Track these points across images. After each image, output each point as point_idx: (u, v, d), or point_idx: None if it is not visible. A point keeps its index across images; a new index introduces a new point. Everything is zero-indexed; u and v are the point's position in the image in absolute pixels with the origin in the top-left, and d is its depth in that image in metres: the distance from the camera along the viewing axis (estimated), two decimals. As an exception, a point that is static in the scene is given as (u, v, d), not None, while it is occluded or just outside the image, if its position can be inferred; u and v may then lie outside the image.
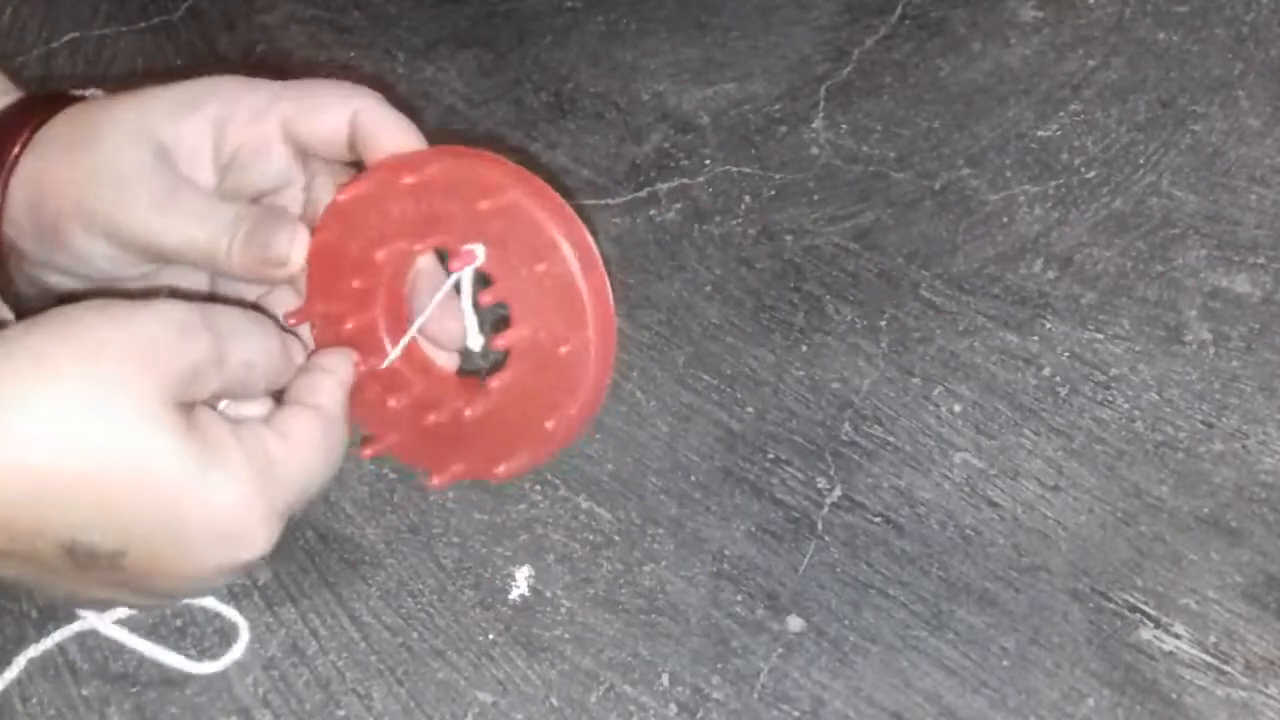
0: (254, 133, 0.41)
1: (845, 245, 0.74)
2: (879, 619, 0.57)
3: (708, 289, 0.71)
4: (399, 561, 0.59)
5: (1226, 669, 0.55)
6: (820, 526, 0.60)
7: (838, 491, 0.62)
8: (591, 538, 0.60)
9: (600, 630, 0.57)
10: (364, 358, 0.43)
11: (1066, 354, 0.68)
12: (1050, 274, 0.72)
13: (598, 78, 0.85)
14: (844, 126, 0.81)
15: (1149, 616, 0.57)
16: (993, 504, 0.61)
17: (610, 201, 0.76)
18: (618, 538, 0.60)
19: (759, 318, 0.70)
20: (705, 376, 0.67)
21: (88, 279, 0.42)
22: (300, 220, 0.42)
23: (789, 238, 0.74)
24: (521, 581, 0.58)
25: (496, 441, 0.42)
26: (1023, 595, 0.58)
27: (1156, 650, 0.56)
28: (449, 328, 0.43)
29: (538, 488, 0.62)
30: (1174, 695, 0.54)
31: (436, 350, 0.44)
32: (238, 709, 0.54)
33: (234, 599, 0.57)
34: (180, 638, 0.56)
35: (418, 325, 0.42)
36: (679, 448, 0.63)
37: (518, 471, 0.41)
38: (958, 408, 0.65)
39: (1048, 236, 0.74)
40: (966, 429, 0.64)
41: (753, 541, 0.60)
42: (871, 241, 0.74)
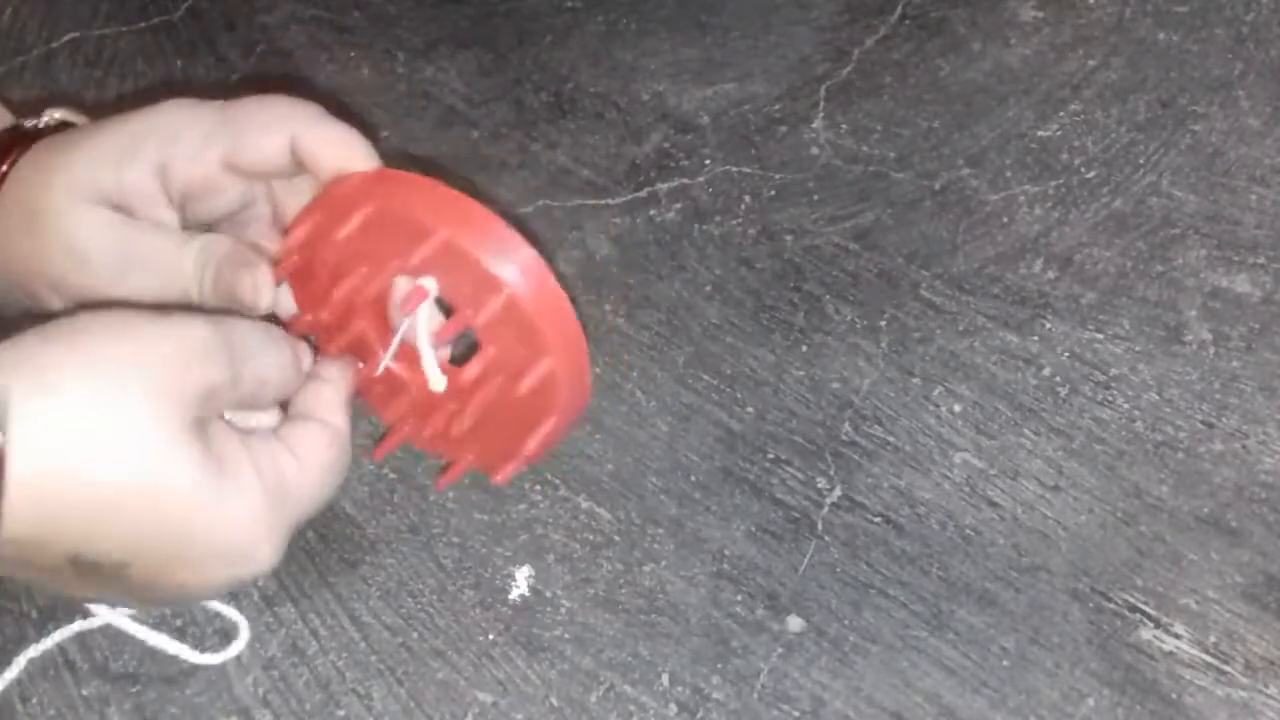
0: (197, 172, 0.40)
1: (845, 245, 0.74)
2: (879, 619, 0.57)
3: (708, 289, 0.71)
4: (399, 561, 0.59)
5: (1226, 669, 0.55)
6: (820, 526, 0.60)
7: (838, 491, 0.62)
8: (591, 538, 0.60)
9: (600, 630, 0.57)
10: (362, 361, 0.43)
11: (1066, 354, 0.68)
12: (1050, 274, 0.72)
13: (598, 78, 0.85)
14: (844, 126, 0.81)
15: (1149, 616, 0.57)
16: (993, 504, 0.61)
17: (610, 201, 0.76)
18: (618, 538, 0.60)
19: (759, 318, 0.70)
20: (705, 376, 0.67)
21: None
22: (271, 238, 0.42)
23: (789, 238, 0.74)
24: (521, 581, 0.58)
25: (486, 450, 0.42)
26: (1023, 595, 0.58)
27: (1156, 650, 0.56)
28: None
29: (538, 488, 0.62)
30: (1174, 695, 0.54)
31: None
32: (238, 709, 0.54)
33: (234, 599, 0.57)
34: (180, 638, 0.56)
35: (389, 356, 0.41)
36: (679, 448, 0.63)
37: (511, 476, 0.41)
38: (958, 408, 0.65)
39: (1048, 236, 0.74)
40: (966, 429, 0.64)
41: (753, 541, 0.60)
42: (871, 241, 0.74)
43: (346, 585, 0.58)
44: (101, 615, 0.53)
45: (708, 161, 0.79)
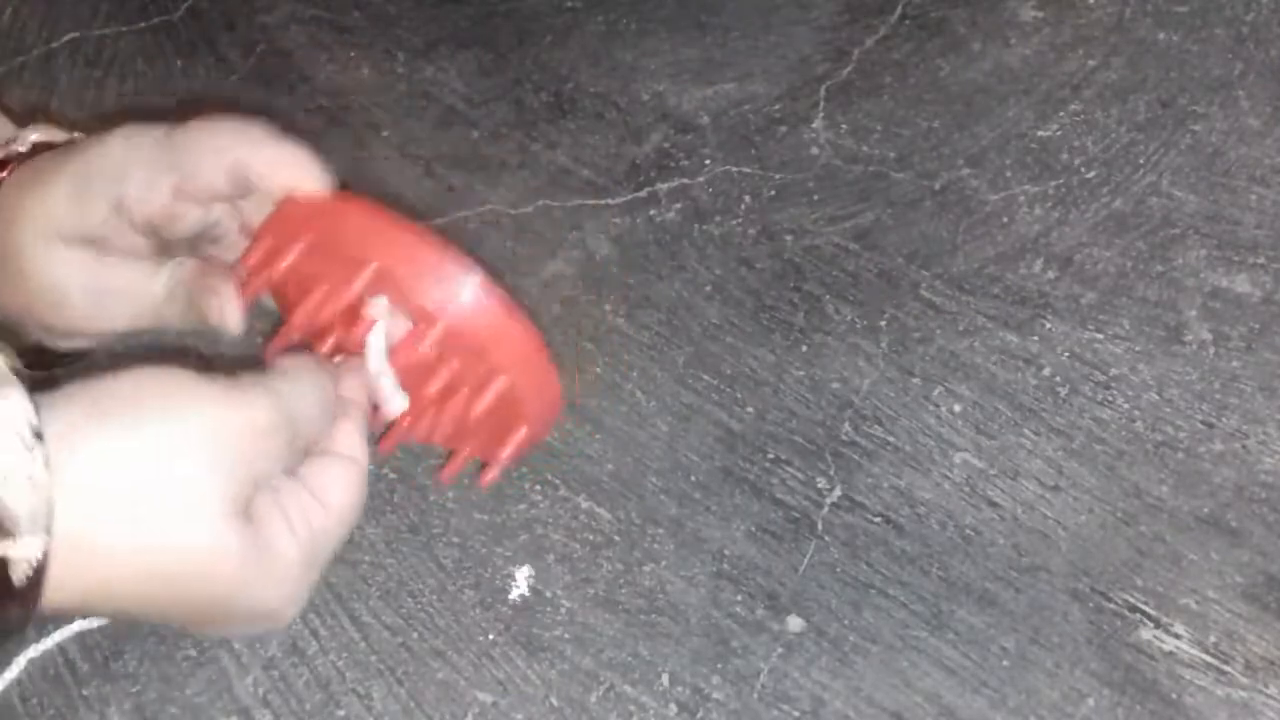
0: (152, 204, 0.40)
1: (845, 245, 0.74)
2: (879, 619, 0.57)
3: (708, 289, 0.71)
4: (399, 561, 0.59)
5: (1226, 669, 0.55)
6: (820, 526, 0.60)
7: (838, 491, 0.62)
8: (591, 538, 0.60)
9: (600, 630, 0.57)
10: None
11: (1066, 354, 0.68)
12: (1050, 274, 0.72)
13: (598, 78, 0.85)
14: (844, 126, 0.81)
15: (1149, 616, 0.57)
16: (993, 504, 0.61)
17: (610, 201, 0.76)
18: (618, 538, 0.60)
19: (759, 318, 0.70)
20: (705, 376, 0.67)
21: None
22: (233, 272, 0.42)
23: (789, 238, 0.74)
24: (521, 581, 0.58)
25: (481, 442, 0.42)
26: (1023, 595, 0.58)
27: (1156, 650, 0.56)
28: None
29: (538, 488, 0.62)
30: (1174, 695, 0.54)
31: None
32: (238, 709, 0.54)
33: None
34: (180, 638, 0.56)
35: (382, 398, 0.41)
36: (679, 448, 0.63)
37: (494, 480, 0.42)
38: (958, 408, 0.65)
39: (1048, 236, 0.74)
40: (966, 429, 0.64)
41: (753, 541, 0.60)
42: (871, 241, 0.74)
43: (346, 585, 0.58)
44: (90, 620, 0.54)
45: (708, 161, 0.79)
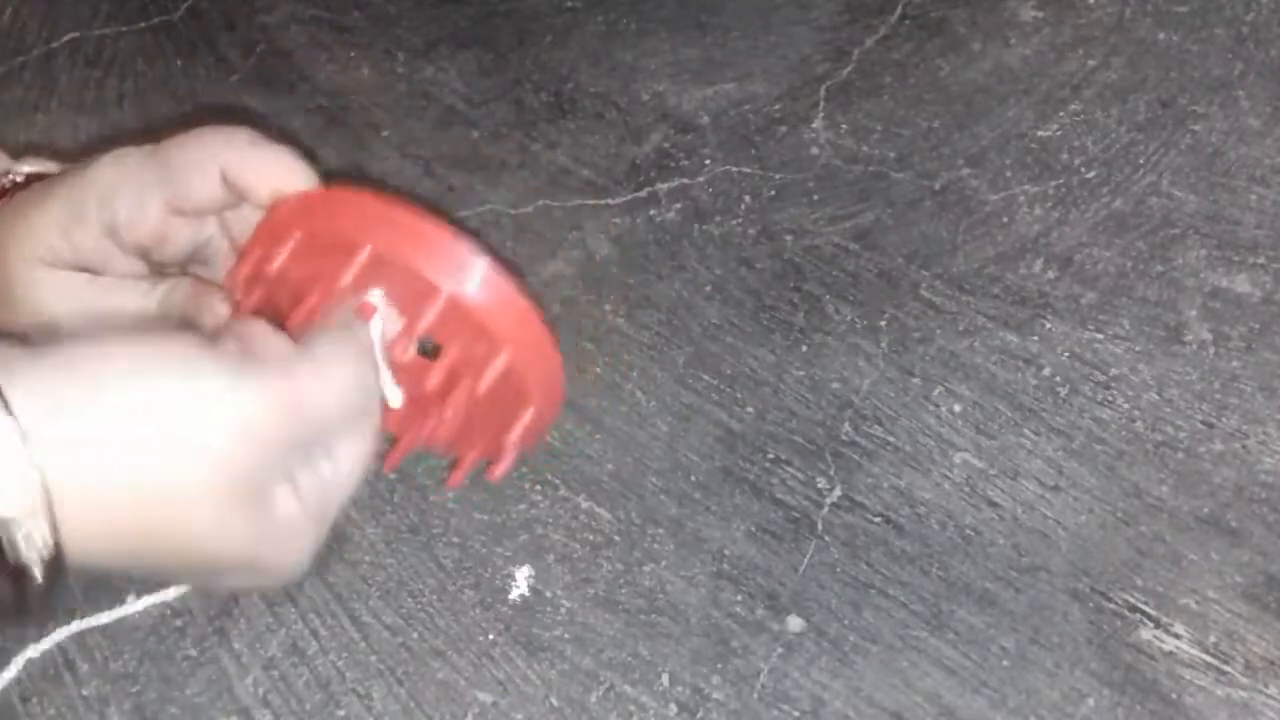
0: (144, 224, 0.40)
1: (845, 245, 0.74)
2: (879, 619, 0.57)
3: (708, 289, 0.71)
4: (399, 561, 0.59)
5: (1226, 669, 0.55)
6: (820, 526, 0.60)
7: (838, 491, 0.62)
8: (591, 538, 0.60)
9: (600, 630, 0.57)
10: None
11: (1066, 354, 0.68)
12: (1050, 274, 0.72)
13: (598, 78, 0.85)
14: (844, 126, 0.81)
15: (1149, 616, 0.57)
16: (993, 504, 0.61)
17: (610, 201, 0.76)
18: (618, 538, 0.60)
19: (759, 318, 0.70)
20: (705, 376, 0.67)
21: None
22: (222, 286, 0.43)
23: (789, 238, 0.74)
24: (521, 581, 0.58)
25: (486, 443, 0.42)
26: (1023, 595, 0.58)
27: (1156, 650, 0.56)
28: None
29: (538, 488, 0.62)
30: (1174, 695, 0.54)
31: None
32: (238, 709, 0.54)
33: (233, 599, 0.57)
34: (180, 638, 0.56)
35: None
36: (679, 448, 0.63)
37: (506, 472, 0.41)
38: (958, 408, 0.65)
39: (1048, 236, 0.74)
40: (966, 429, 0.64)
41: (753, 541, 0.60)
42: (871, 241, 0.74)
43: (346, 585, 0.58)
44: (90, 619, 0.54)
45: (708, 161, 0.79)
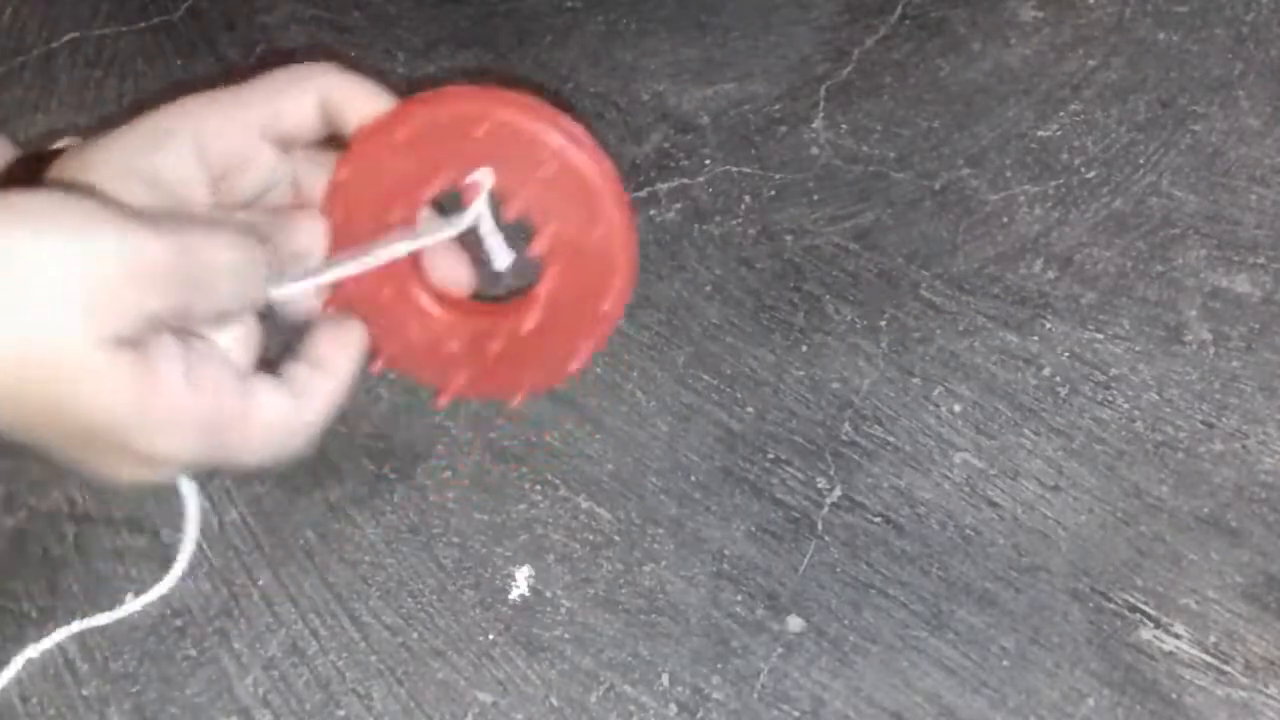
0: (236, 144, 0.41)
1: (845, 245, 0.74)
2: (879, 619, 0.57)
3: (708, 289, 0.71)
4: (399, 561, 0.59)
5: (1226, 669, 0.55)
6: (820, 526, 0.60)
7: (838, 491, 0.62)
8: (591, 538, 0.60)
9: (600, 630, 0.57)
10: (401, 323, 0.43)
11: (1066, 354, 0.68)
12: (1050, 274, 0.72)
13: (598, 78, 0.85)
14: (844, 126, 0.81)
15: (1149, 616, 0.57)
16: (993, 504, 0.61)
17: (610, 201, 0.76)
18: (618, 538, 0.60)
19: (759, 318, 0.70)
20: (705, 376, 0.67)
21: None
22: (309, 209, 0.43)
23: (789, 238, 0.74)
24: (521, 581, 0.58)
25: (558, 343, 0.44)
26: (1023, 595, 0.58)
27: (1156, 650, 0.56)
28: (457, 273, 0.44)
29: (538, 488, 0.62)
30: (1174, 695, 0.54)
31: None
32: (238, 709, 0.54)
33: (234, 598, 0.58)
34: (180, 638, 0.56)
35: (432, 240, 0.42)
36: (679, 448, 0.63)
37: (585, 363, 0.43)
38: (958, 408, 0.65)
39: (1048, 236, 0.74)
40: (966, 429, 0.64)
41: (753, 541, 0.60)
42: (871, 241, 0.74)
43: (346, 585, 0.58)
44: (89, 620, 0.54)
45: (708, 161, 0.79)
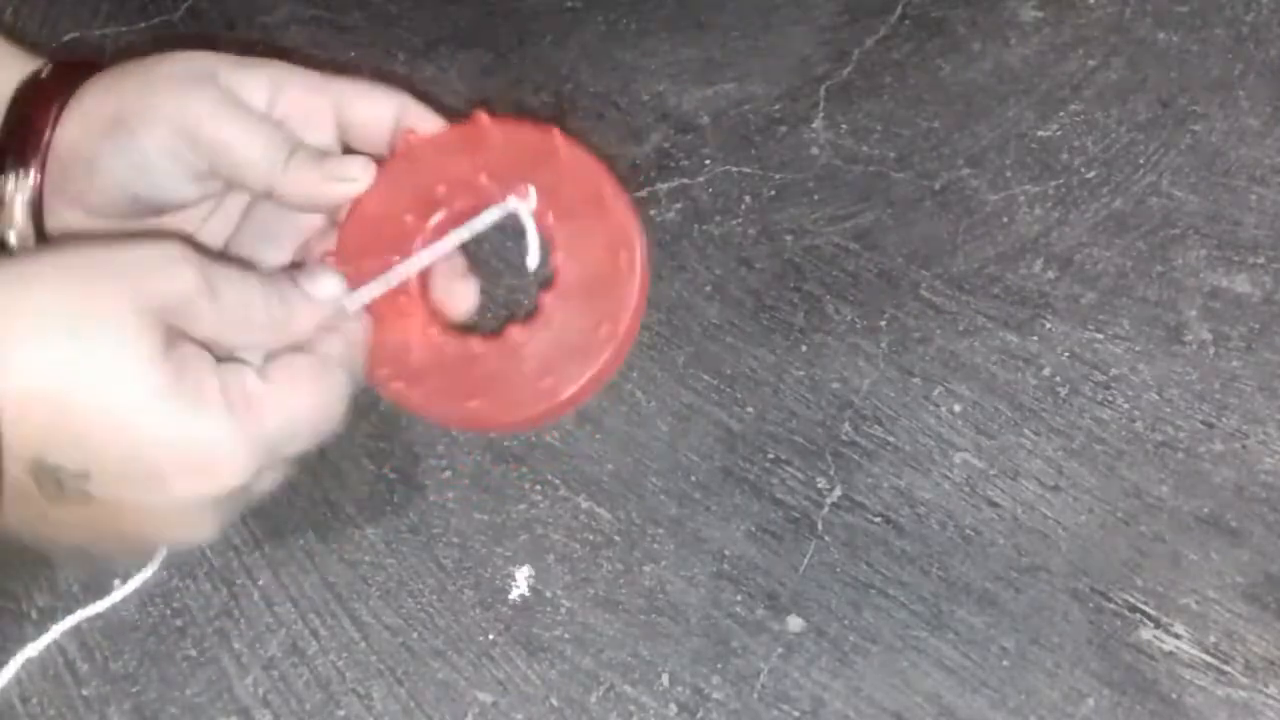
0: (308, 102, 0.42)
1: (845, 245, 0.74)
2: (879, 619, 0.57)
3: (708, 289, 0.71)
4: (399, 561, 0.59)
5: (1226, 669, 0.55)
6: (820, 526, 0.60)
7: (838, 491, 0.62)
8: (591, 538, 0.60)
9: (600, 630, 0.57)
10: (411, 315, 0.43)
11: (1066, 354, 0.68)
12: (1050, 274, 0.72)
13: (598, 78, 0.85)
14: (844, 126, 0.81)
15: (1149, 616, 0.57)
16: (993, 504, 0.61)
17: (610, 201, 0.76)
18: (618, 538, 0.60)
19: (759, 318, 0.70)
20: (705, 376, 0.67)
21: (114, 217, 0.42)
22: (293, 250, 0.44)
23: (789, 238, 0.74)
24: (521, 581, 0.58)
25: (555, 362, 0.43)
26: (1023, 595, 0.58)
27: (1156, 650, 0.56)
28: (457, 293, 0.44)
29: (538, 488, 0.62)
30: (1174, 695, 0.54)
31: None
32: (238, 709, 0.54)
33: (234, 598, 0.57)
34: (180, 638, 0.56)
35: (455, 242, 0.43)
36: (679, 448, 0.63)
37: (582, 392, 0.43)
38: (958, 408, 0.65)
39: (1048, 236, 0.74)
40: (966, 429, 0.64)
41: (753, 541, 0.60)
42: (871, 241, 0.74)
43: (346, 585, 0.58)
44: (89, 614, 0.54)
45: (708, 161, 0.79)
